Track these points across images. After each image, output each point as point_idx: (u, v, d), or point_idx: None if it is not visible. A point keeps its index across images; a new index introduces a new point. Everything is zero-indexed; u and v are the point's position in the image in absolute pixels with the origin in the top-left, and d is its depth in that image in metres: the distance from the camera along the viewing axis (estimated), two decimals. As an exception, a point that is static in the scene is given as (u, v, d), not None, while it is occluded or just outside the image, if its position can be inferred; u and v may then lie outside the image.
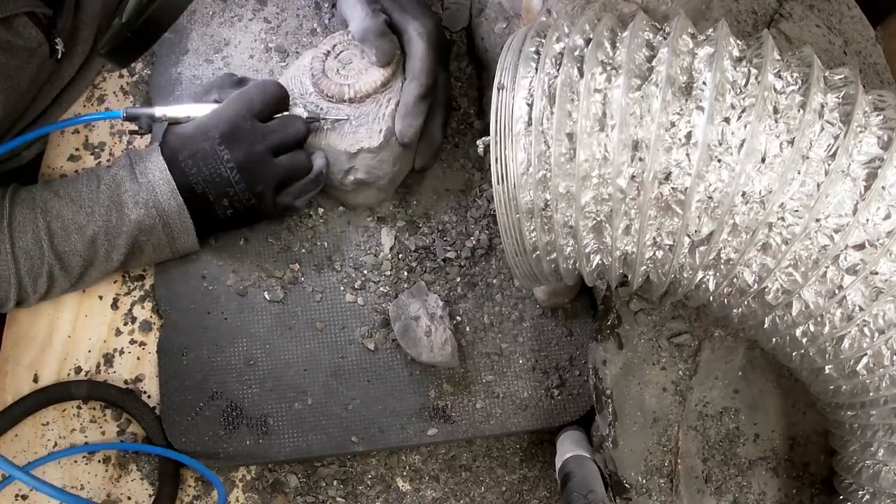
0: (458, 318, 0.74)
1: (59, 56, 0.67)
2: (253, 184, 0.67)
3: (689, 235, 0.49)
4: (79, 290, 0.72)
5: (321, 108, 0.72)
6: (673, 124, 0.47)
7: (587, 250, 0.52)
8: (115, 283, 0.73)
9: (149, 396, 0.71)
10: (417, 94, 0.71)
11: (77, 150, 0.76)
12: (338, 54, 0.73)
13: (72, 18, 0.68)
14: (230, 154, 0.66)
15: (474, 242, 0.76)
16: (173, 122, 0.69)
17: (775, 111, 0.46)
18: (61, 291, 0.70)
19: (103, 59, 0.67)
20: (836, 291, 0.47)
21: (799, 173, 0.46)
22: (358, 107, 0.72)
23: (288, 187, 0.70)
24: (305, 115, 0.70)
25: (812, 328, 0.50)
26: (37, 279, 0.66)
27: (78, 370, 0.71)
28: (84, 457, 0.70)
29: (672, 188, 0.47)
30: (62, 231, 0.65)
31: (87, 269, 0.68)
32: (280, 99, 0.69)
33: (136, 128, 0.69)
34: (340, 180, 0.72)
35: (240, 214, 0.69)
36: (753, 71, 0.47)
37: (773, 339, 0.53)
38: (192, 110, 0.69)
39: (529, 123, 0.49)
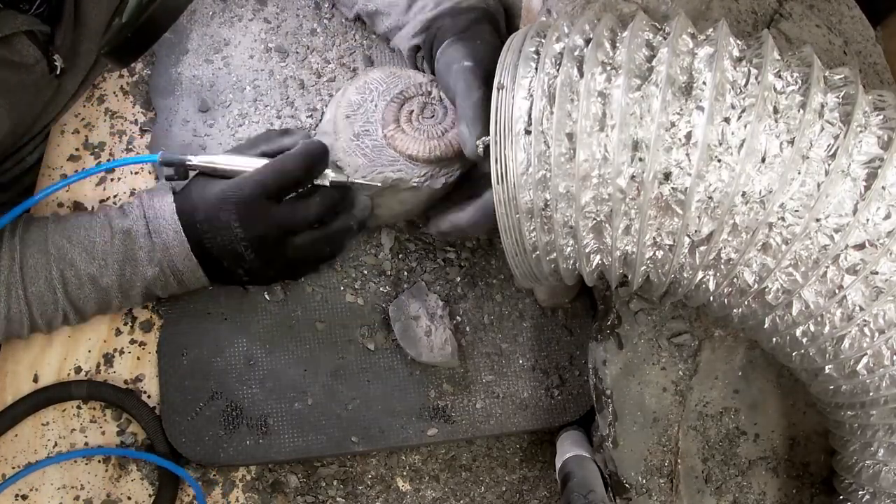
0: (458, 318, 0.74)
1: (59, 72, 0.67)
2: (266, 262, 0.66)
3: (689, 235, 0.49)
4: None
5: (380, 154, 0.67)
6: (673, 124, 0.47)
7: (587, 250, 0.52)
8: (115, 283, 0.73)
9: (149, 396, 0.71)
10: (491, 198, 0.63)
11: (77, 150, 0.76)
12: (423, 108, 0.69)
13: (71, 34, 0.68)
14: (245, 234, 0.63)
15: (474, 242, 0.76)
16: (205, 172, 0.66)
17: (775, 111, 0.46)
18: (74, 325, 0.70)
19: (104, 59, 0.67)
20: (837, 291, 0.47)
21: (799, 173, 0.46)
22: (413, 167, 0.67)
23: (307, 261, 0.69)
24: (332, 177, 0.65)
25: (812, 328, 0.50)
26: (50, 321, 0.66)
27: (78, 370, 0.71)
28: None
29: (672, 188, 0.47)
30: (76, 280, 0.64)
31: (101, 312, 0.68)
32: (317, 170, 0.65)
33: (173, 173, 0.66)
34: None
35: (257, 280, 0.69)
36: (753, 71, 0.47)
37: (773, 339, 0.53)
38: (226, 162, 0.65)
39: (529, 123, 0.49)
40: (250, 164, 0.65)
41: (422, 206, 0.71)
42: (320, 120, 0.76)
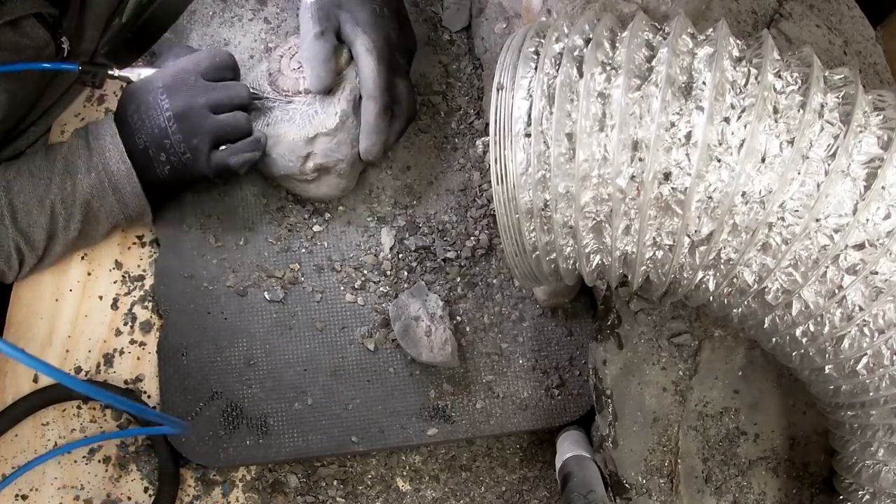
0: (458, 318, 0.74)
1: (65, 55, 0.67)
2: (189, 135, 0.67)
3: (689, 235, 0.49)
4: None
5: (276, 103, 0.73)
6: (673, 124, 0.47)
7: (587, 250, 0.52)
8: (114, 283, 0.73)
9: (149, 396, 0.71)
10: (376, 112, 0.70)
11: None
12: (293, 55, 0.74)
13: (77, 17, 0.68)
14: (169, 103, 0.66)
15: (474, 242, 0.76)
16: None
17: (775, 111, 0.46)
18: (31, 269, 0.70)
19: (103, 59, 0.67)
20: (836, 291, 0.47)
21: (799, 173, 0.46)
22: (314, 96, 0.72)
23: (226, 145, 0.69)
24: (250, 89, 0.71)
25: (812, 328, 0.50)
26: (9, 258, 0.67)
27: (78, 370, 0.71)
28: (84, 456, 0.70)
29: (672, 188, 0.47)
30: (23, 206, 0.66)
31: (50, 242, 0.68)
32: (228, 66, 0.71)
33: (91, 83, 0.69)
34: (300, 169, 0.71)
35: (177, 171, 0.68)
36: (753, 71, 0.47)
37: (773, 339, 0.53)
38: (145, 71, 0.69)
39: (529, 124, 0.49)
40: None
41: (356, 150, 0.73)
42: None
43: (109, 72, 0.68)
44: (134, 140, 0.67)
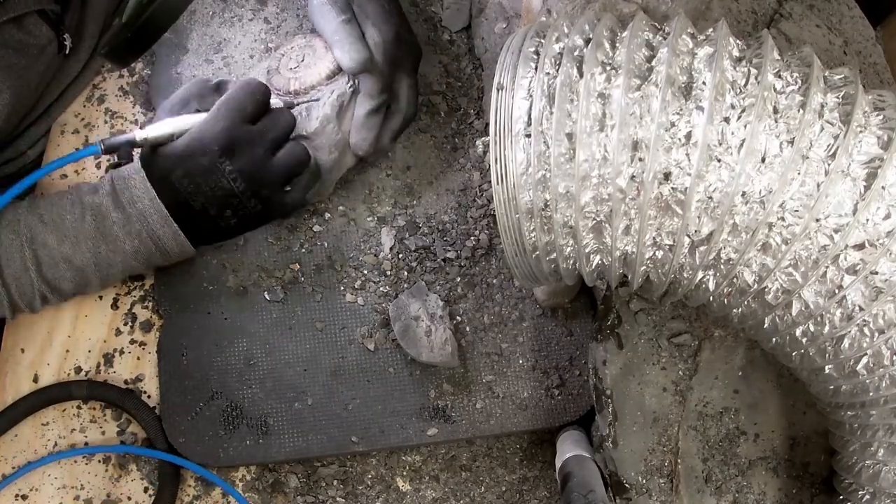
0: (458, 318, 0.74)
1: (67, 52, 0.67)
2: (258, 189, 0.65)
3: (689, 235, 0.49)
4: None
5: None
6: (673, 124, 0.47)
7: (587, 250, 0.52)
8: (114, 283, 0.73)
9: (149, 396, 0.71)
10: (369, 109, 0.70)
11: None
12: (293, 56, 0.73)
13: (79, 14, 0.68)
14: (232, 165, 0.63)
15: (474, 242, 0.76)
16: (156, 144, 0.65)
17: (775, 111, 0.46)
18: (58, 304, 0.69)
19: (103, 59, 0.67)
20: (836, 291, 0.47)
21: (799, 173, 0.46)
22: (304, 97, 0.71)
23: (291, 183, 0.69)
24: (280, 104, 0.69)
25: (812, 328, 0.50)
26: (31, 302, 0.65)
27: (78, 370, 0.71)
28: (84, 457, 0.70)
29: (672, 188, 0.47)
30: (49, 260, 0.63)
31: (81, 291, 0.67)
32: (267, 97, 0.67)
33: (118, 159, 0.66)
34: None
35: (246, 222, 0.67)
36: (753, 71, 0.47)
37: (773, 339, 0.53)
38: (174, 125, 0.65)
39: (529, 124, 0.49)
40: (196, 120, 0.65)
41: (334, 156, 0.72)
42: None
43: (133, 139, 0.64)
44: (183, 201, 0.64)
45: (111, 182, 0.65)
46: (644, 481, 0.65)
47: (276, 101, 0.68)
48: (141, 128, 0.65)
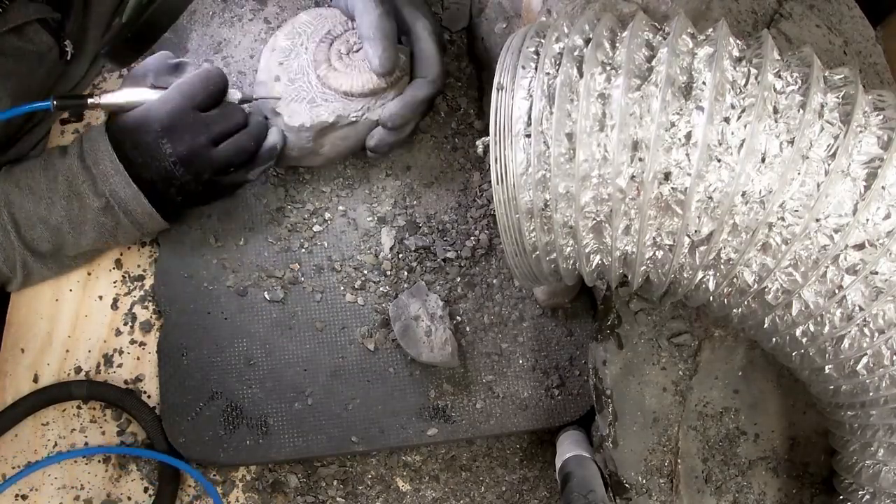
0: (458, 318, 0.74)
1: (69, 58, 0.67)
2: (197, 174, 0.66)
3: (689, 235, 0.49)
4: (79, 288, 0.72)
5: (316, 96, 0.70)
6: (673, 124, 0.47)
7: (587, 250, 0.52)
8: (114, 283, 0.73)
9: (149, 396, 0.71)
10: (428, 94, 0.70)
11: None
12: (346, 40, 0.71)
13: (80, 19, 0.68)
14: (172, 148, 0.65)
15: (474, 242, 0.76)
16: (109, 110, 0.67)
17: (775, 111, 0.46)
18: (41, 277, 0.71)
19: (103, 60, 0.67)
20: (836, 291, 0.47)
21: (799, 173, 0.46)
22: (349, 102, 0.70)
23: (235, 169, 0.69)
24: (239, 96, 0.69)
25: (812, 328, 0.50)
26: (14, 267, 0.67)
27: (78, 370, 0.71)
28: (84, 456, 0.70)
29: (672, 188, 0.47)
30: (27, 222, 0.66)
31: (59, 252, 0.68)
32: (223, 88, 0.68)
33: (69, 116, 0.68)
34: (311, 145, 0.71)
35: (190, 198, 0.68)
36: (753, 71, 0.47)
37: (773, 339, 0.53)
38: (128, 96, 0.67)
39: (529, 124, 0.49)
40: (151, 95, 0.67)
41: (363, 139, 0.73)
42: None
43: (90, 100, 0.66)
44: (138, 172, 0.66)
45: (80, 143, 0.67)
46: (644, 481, 0.65)
47: (234, 94, 0.69)
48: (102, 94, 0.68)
